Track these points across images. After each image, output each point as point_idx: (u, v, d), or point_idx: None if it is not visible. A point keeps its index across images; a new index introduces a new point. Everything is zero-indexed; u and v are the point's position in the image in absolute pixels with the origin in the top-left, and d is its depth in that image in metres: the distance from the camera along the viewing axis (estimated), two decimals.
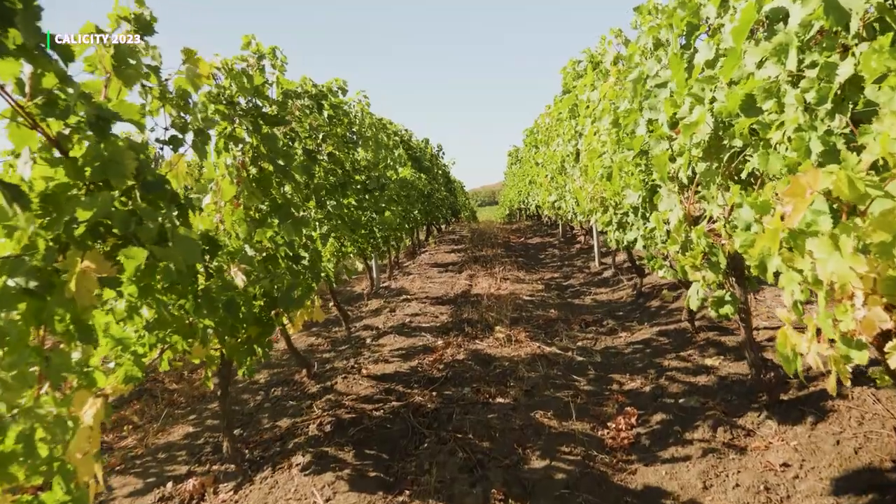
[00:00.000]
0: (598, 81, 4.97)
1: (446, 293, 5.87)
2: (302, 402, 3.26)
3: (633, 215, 3.07)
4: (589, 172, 4.51)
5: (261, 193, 2.84)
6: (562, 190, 7.90)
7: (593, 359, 3.48)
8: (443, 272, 7.40)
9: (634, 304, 4.65)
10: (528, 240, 12.10)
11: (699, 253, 2.27)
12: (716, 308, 2.36)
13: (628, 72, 3.60)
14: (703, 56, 2.35)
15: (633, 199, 2.91)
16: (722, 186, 2.12)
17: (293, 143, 3.60)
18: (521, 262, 7.96)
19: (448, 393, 3.07)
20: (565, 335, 3.99)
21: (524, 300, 5.26)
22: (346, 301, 6.43)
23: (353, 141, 5.06)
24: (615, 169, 3.22)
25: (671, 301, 4.37)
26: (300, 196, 3.51)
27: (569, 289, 5.87)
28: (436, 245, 11.26)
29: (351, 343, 4.42)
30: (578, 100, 5.44)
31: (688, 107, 2.34)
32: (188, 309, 2.03)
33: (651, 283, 5.00)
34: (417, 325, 4.58)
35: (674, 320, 3.94)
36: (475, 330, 4.20)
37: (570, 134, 6.46)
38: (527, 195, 15.07)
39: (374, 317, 5.24)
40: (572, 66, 5.84)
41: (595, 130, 4.66)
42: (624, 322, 4.23)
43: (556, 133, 7.46)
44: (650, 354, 3.44)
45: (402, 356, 3.80)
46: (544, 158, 9.06)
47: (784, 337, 1.59)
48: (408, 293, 6.12)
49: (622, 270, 5.87)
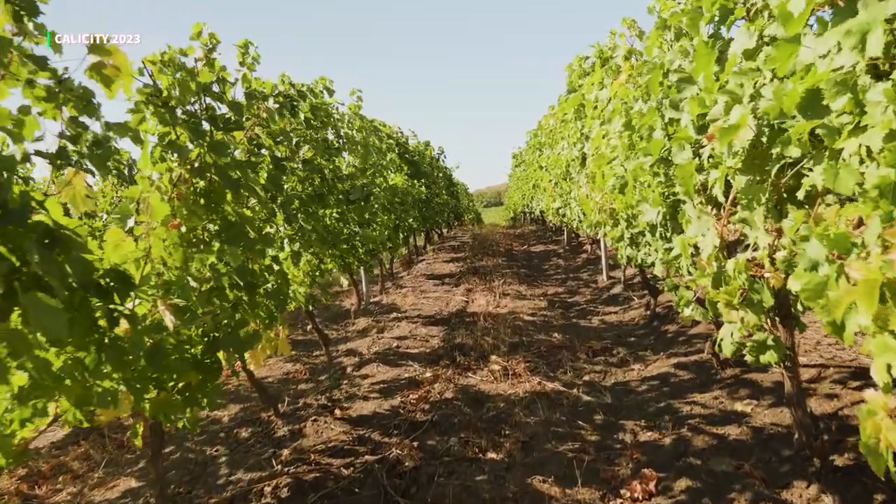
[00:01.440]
0: (608, 79, 4.55)
1: (440, 311, 5.44)
2: (265, 450, 2.85)
3: (650, 234, 2.64)
4: (597, 180, 4.08)
5: (208, 211, 2.44)
6: (566, 196, 7.47)
7: (602, 399, 3.04)
8: (439, 285, 6.97)
9: (648, 328, 4.21)
10: (532, 247, 11.66)
11: (736, 289, 1.84)
12: (755, 354, 1.93)
13: (643, 67, 3.17)
14: (741, 45, 1.93)
15: (651, 216, 2.49)
16: (769, 207, 1.69)
17: (260, 149, 3.19)
18: (523, 274, 7.52)
19: (432, 443, 2.64)
20: (570, 366, 3.56)
21: (525, 321, 4.83)
22: (332, 319, 6.01)
23: (337, 146, 4.65)
24: (629, 179, 2.79)
25: (689, 325, 3.93)
26: (265, 211, 3.10)
27: (574, 307, 5.43)
28: (434, 253, 10.84)
29: (330, 372, 4.00)
30: (585, 99, 5.02)
31: (722, 106, 1.90)
32: (89, 364, 1.61)
33: (666, 302, 4.57)
34: (405, 351, 4.16)
35: (694, 350, 3.50)
36: (468, 359, 3.77)
37: (576, 137, 6.04)
38: (530, 199, 14.64)
39: (360, 338, 4.82)
40: (579, 62, 5.42)
41: (604, 133, 4.24)
42: (636, 350, 3.79)
43: (560, 135, 7.04)
44: (668, 394, 3.00)
45: (384, 391, 3.37)
46: (548, 162, 8.64)
47: (873, 427, 1.16)
48: (399, 310, 5.70)
49: (632, 287, 5.44)
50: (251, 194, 2.92)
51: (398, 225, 7.31)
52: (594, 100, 4.87)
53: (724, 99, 1.88)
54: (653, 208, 2.47)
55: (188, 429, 2.18)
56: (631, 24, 3.90)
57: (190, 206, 2.27)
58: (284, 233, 3.57)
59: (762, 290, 1.79)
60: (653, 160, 2.54)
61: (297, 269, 3.74)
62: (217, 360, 2.29)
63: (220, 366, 2.31)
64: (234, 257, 2.28)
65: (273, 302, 2.89)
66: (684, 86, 2.38)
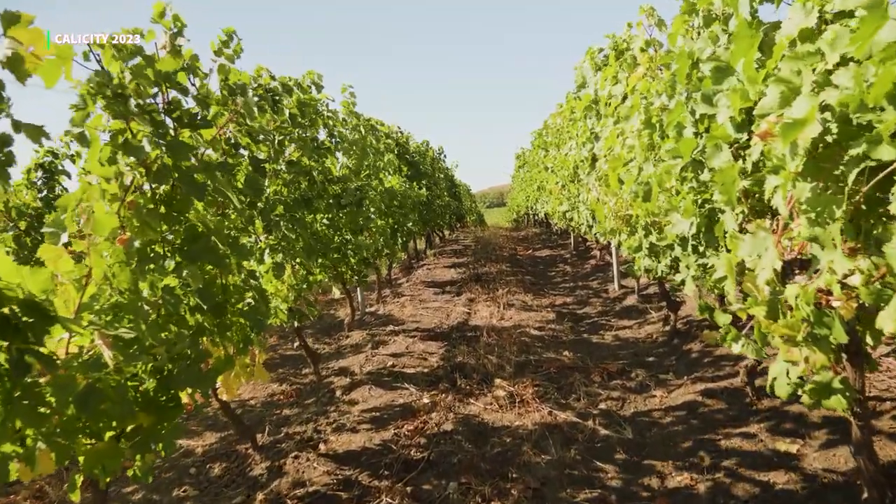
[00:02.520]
0: (623, 73, 4.23)
1: (440, 323, 5.12)
2: (238, 492, 2.53)
3: (679, 248, 2.31)
4: (612, 184, 3.76)
5: (169, 221, 2.13)
6: (574, 200, 7.15)
7: (622, 433, 2.72)
8: (439, 294, 6.66)
9: (668, 346, 3.88)
10: (537, 252, 11.33)
11: (800, 322, 1.52)
12: (817, 398, 1.61)
13: (666, 58, 2.85)
14: (796, 24, 1.61)
15: (682, 228, 2.16)
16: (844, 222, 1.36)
17: (238, 150, 2.88)
18: (528, 282, 7.20)
19: (427, 489, 2.32)
20: (583, 392, 3.23)
21: (531, 336, 4.50)
22: (325, 330, 5.70)
23: (327, 146, 4.34)
24: (653, 184, 2.47)
25: (715, 345, 3.60)
26: (241, 220, 2.80)
27: (584, 319, 5.10)
28: (435, 258, 10.52)
29: (318, 394, 3.69)
30: (598, 96, 4.70)
31: (776, 98, 1.58)
32: None
33: (686, 316, 4.24)
34: (401, 371, 3.84)
35: (723, 374, 3.17)
36: (470, 382, 3.45)
37: (585, 136, 5.72)
38: (535, 201, 14.32)
39: (353, 354, 4.50)
40: (590, 56, 5.10)
41: (618, 132, 3.92)
42: (657, 373, 3.46)
43: (568, 135, 6.72)
44: (698, 427, 2.68)
45: (376, 420, 3.06)
46: (554, 163, 8.32)
47: None
48: (396, 322, 5.38)
49: (648, 298, 5.11)
50: (225, 200, 2.62)
51: (396, 229, 7.00)
52: (607, 96, 4.56)
53: (777, 89, 1.56)
54: (684, 219, 2.15)
55: (140, 478, 1.87)
56: (650, 11, 3.57)
57: (143, 217, 1.96)
58: (265, 242, 3.25)
59: (833, 323, 1.47)
60: (683, 163, 2.22)
61: (281, 282, 3.43)
62: (175, 396, 1.98)
63: (179, 403, 1.99)
64: (195, 277, 1.97)
65: (248, 322, 2.59)
66: (720, 76, 2.06)
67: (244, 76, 3.00)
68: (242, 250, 2.57)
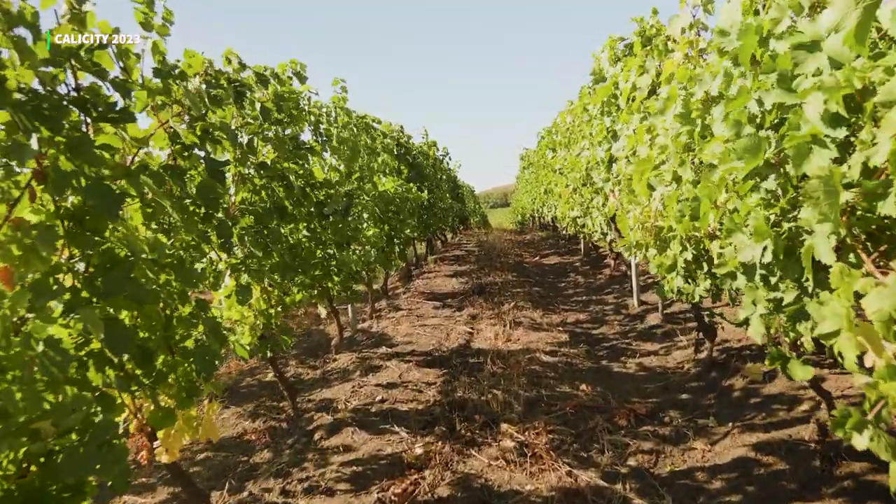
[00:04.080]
0: (651, 61, 3.73)
1: (439, 345, 4.62)
2: None
3: (743, 277, 1.81)
4: (639, 190, 3.26)
5: (74, 244, 1.65)
6: (588, 204, 6.64)
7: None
8: (439, 308, 6.15)
9: (704, 380, 3.37)
10: (544, 258, 10.81)
11: None
12: None
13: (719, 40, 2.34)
14: None
15: (750, 254, 1.66)
16: None
17: (191, 150, 2.38)
18: (536, 295, 6.69)
19: None
20: (607, 441, 2.72)
21: (543, 363, 3.99)
22: (312, 350, 5.21)
23: (310, 146, 3.85)
24: (704, 198, 1.96)
25: (763, 381, 3.09)
26: (194, 236, 2.31)
27: (602, 342, 4.59)
28: (436, 264, 10.02)
29: (295, 436, 3.19)
30: (619, 89, 4.20)
31: None
32: None
33: (722, 342, 3.73)
34: (391, 408, 3.34)
35: (777, 421, 2.66)
36: (472, 427, 2.95)
37: (602, 135, 5.22)
38: (541, 205, 13.81)
39: (340, 383, 4.01)
40: (611, 45, 4.60)
41: (646, 129, 3.42)
42: (694, 416, 2.95)
43: (580, 133, 6.22)
44: (755, 497, 2.17)
45: (358, 478, 2.56)
46: (564, 165, 7.82)
47: None
48: (390, 342, 4.88)
49: (673, 318, 4.59)
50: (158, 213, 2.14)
51: (393, 236, 6.52)
52: (630, 89, 4.05)
53: None
54: (756, 243, 1.64)
55: None
56: None
57: (25, 244, 1.47)
58: (225, 262, 2.76)
59: None
60: (752, 167, 1.71)
61: (248, 307, 2.94)
62: (75, 486, 1.49)
63: (82, 491, 1.50)
64: (95, 324, 1.47)
65: (195, 366, 2.10)
66: (805, 54, 1.58)
67: (195, 60, 2.51)
68: (189, 275, 2.09)
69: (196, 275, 2.10)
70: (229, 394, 4.19)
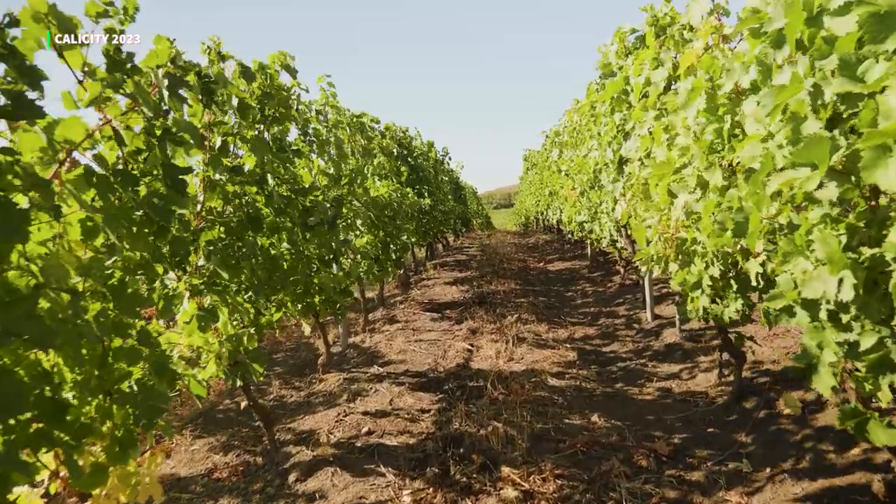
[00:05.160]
0: (667, 53, 3.38)
1: (435, 364, 4.27)
2: None
3: (805, 314, 1.45)
4: (658, 196, 2.92)
5: None
6: (596, 209, 6.29)
7: None
8: (437, 320, 5.80)
9: (733, 411, 3.00)
10: (549, 263, 10.44)
11: None
12: None
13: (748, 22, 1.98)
14: None
15: (824, 289, 1.30)
16: None
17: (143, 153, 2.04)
18: (541, 305, 6.33)
19: None
20: (625, 490, 2.36)
21: (549, 387, 3.64)
22: (299, 369, 4.86)
23: (295, 148, 3.50)
24: (753, 211, 1.60)
25: (802, 411, 2.73)
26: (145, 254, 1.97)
27: (615, 362, 4.23)
28: (436, 270, 9.67)
29: (269, 475, 2.85)
30: (631, 85, 3.84)
31: None
32: None
33: (756, 363, 3.36)
34: (379, 442, 2.99)
35: (826, 466, 2.29)
36: (468, 469, 2.59)
37: (611, 135, 4.87)
38: (546, 207, 13.45)
39: (325, 408, 3.65)
40: (619, 38, 4.25)
41: (663, 128, 3.07)
42: (725, 456, 2.59)
43: (588, 133, 5.87)
44: None
45: None
46: (570, 166, 7.46)
47: None
48: (382, 360, 4.53)
49: (693, 336, 4.22)
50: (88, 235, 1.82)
51: (388, 243, 6.17)
52: (643, 84, 3.70)
53: None
54: (830, 274, 1.28)
55: None
56: None
57: None
58: (184, 284, 2.41)
59: None
60: (817, 176, 1.36)
61: (213, 332, 2.59)
62: None
63: None
64: None
65: (135, 413, 1.77)
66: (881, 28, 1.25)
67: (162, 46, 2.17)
68: (132, 301, 1.77)
69: (140, 300, 1.76)
70: (203, 420, 3.84)
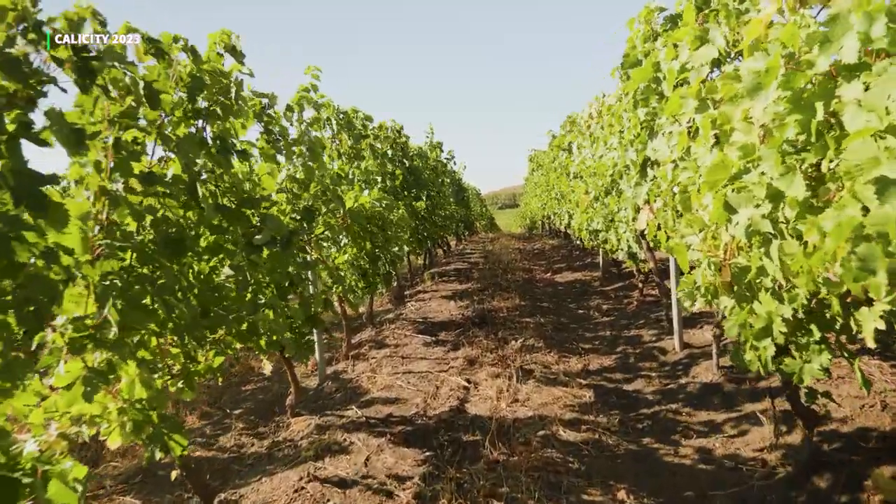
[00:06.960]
0: (715, 29, 2.73)
1: (424, 407, 3.62)
2: None
3: None
4: (712, 211, 2.27)
5: None
6: (613, 216, 5.63)
7: None
8: (431, 344, 5.15)
9: (802, 489, 2.34)
10: (556, 273, 9.78)
11: None
12: None
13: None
14: None
15: None
16: None
17: None
18: (549, 327, 5.67)
19: None
20: None
21: (562, 441, 2.99)
22: (267, 407, 4.22)
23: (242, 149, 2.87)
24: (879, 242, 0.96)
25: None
26: None
27: (639, 406, 3.57)
28: (434, 282, 9.02)
29: None
30: (663, 71, 3.20)
31: None
32: None
33: (824, 420, 2.70)
34: None
35: None
36: None
37: (635, 132, 4.23)
38: (552, 211, 12.79)
39: (285, 468, 3.01)
40: (646, 16, 3.62)
41: (713, 121, 2.44)
42: None
43: (610, 130, 5.21)
44: None
45: None
46: (583, 168, 6.80)
47: None
48: (362, 398, 3.89)
49: (733, 374, 3.55)
50: None
51: (377, 256, 5.54)
52: (679, 69, 3.06)
53: None
54: None
55: None
56: None
57: None
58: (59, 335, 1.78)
59: None
60: None
61: (111, 397, 1.96)
62: None
63: None
64: None
65: None
66: None
67: None
68: None
69: None
70: (142, 480, 3.21)
